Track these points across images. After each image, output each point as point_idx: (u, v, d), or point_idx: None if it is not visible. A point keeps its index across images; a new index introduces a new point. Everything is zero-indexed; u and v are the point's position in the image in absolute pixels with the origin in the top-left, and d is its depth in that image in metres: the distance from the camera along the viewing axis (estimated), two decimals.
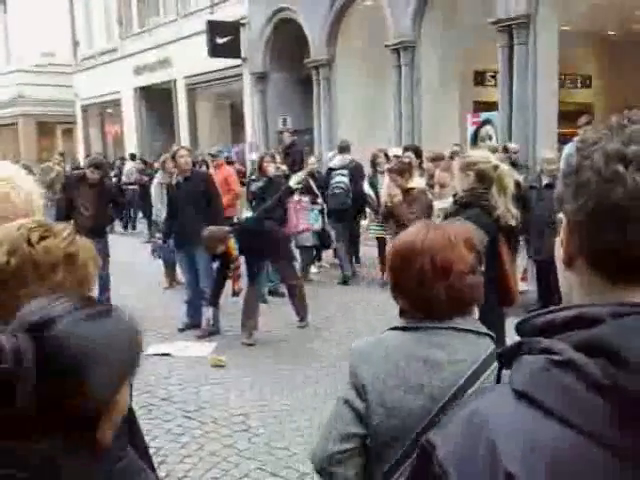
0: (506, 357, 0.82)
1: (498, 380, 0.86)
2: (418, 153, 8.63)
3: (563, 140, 9.43)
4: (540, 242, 6.59)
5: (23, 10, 24.98)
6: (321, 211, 9.14)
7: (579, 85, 15.38)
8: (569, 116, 9.65)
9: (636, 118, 0.79)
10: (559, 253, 0.86)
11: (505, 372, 0.82)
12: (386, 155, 9.06)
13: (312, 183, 9.16)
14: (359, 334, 6.80)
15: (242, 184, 9.88)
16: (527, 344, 0.79)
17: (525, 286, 7.13)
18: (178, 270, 8.43)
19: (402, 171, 6.35)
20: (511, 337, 0.91)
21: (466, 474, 0.73)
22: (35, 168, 13.80)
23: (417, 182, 6.46)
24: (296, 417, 4.78)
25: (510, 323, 3.61)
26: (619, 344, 0.70)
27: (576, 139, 6.86)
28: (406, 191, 6.26)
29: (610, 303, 0.76)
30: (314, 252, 9.67)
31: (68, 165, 17.22)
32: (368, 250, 9.77)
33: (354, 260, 9.86)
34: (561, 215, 0.84)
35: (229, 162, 10.96)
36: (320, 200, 9.14)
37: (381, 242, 8.56)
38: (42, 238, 1.33)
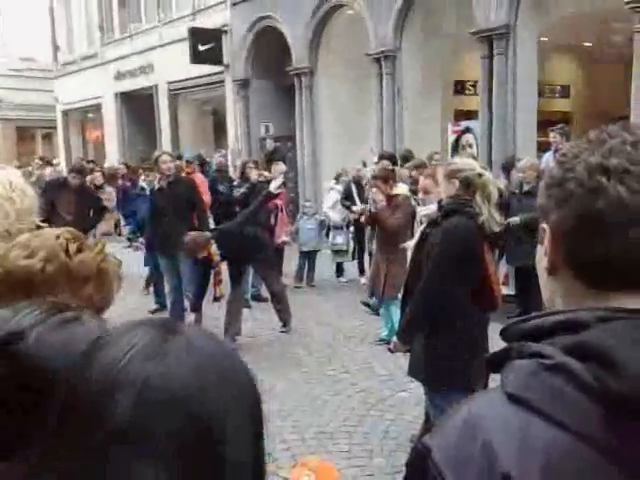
0: (495, 362, 0.83)
1: (486, 385, 0.88)
2: (393, 160, 8.73)
3: (544, 149, 9.54)
4: (518, 248, 6.64)
5: (3, 14, 24.74)
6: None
7: (558, 94, 15.56)
8: (548, 125, 9.75)
9: (614, 133, 0.82)
10: (542, 261, 0.88)
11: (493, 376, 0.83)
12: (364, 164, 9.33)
13: (354, 190, 9.12)
14: (342, 340, 6.83)
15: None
16: (516, 349, 0.80)
17: (506, 290, 7.20)
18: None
19: (386, 178, 6.41)
20: (494, 343, 0.93)
21: (463, 476, 0.74)
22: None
23: (401, 189, 6.52)
24: (278, 423, 4.77)
25: (491, 329, 3.68)
26: (606, 348, 0.72)
27: (557, 152, 6.93)
28: (390, 197, 6.32)
29: (595, 308, 0.78)
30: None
31: (48, 169, 17.00)
32: None
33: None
34: (544, 225, 0.86)
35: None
36: (356, 207, 8.69)
37: None
38: (79, 250, 1.34)
